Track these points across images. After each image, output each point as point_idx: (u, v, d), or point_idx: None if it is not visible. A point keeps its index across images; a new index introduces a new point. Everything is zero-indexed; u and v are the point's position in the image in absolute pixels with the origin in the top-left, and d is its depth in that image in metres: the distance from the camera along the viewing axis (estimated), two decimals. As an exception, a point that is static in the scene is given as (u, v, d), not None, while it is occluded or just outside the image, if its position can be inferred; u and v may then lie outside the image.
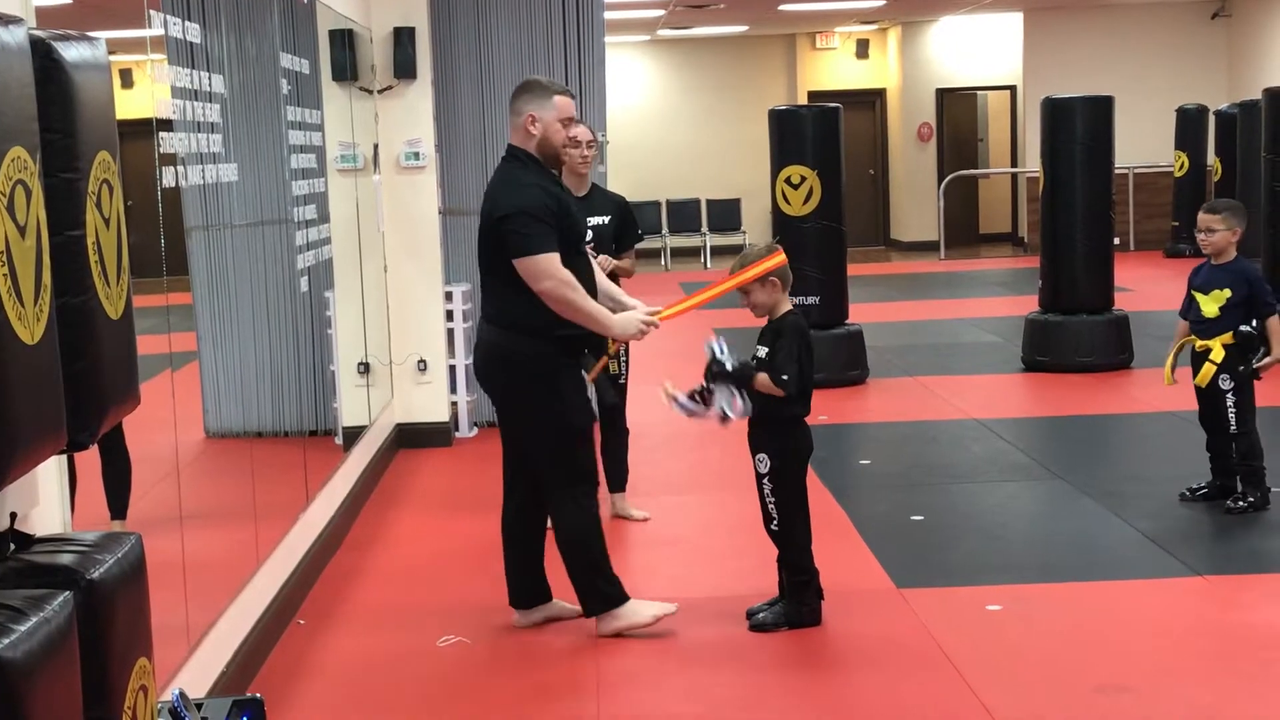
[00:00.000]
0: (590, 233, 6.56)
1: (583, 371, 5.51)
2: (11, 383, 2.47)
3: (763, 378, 5.37)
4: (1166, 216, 19.89)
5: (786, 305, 5.54)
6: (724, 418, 5.38)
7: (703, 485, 7.95)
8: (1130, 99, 16.26)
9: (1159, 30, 20.82)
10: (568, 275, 5.30)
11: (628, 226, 6.96)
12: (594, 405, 5.63)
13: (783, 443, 5.49)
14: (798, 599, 5.56)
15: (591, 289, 5.47)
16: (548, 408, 5.45)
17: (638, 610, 5.55)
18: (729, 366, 5.34)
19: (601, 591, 5.56)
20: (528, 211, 5.29)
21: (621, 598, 5.57)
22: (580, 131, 6.62)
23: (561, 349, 5.41)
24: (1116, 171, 11.38)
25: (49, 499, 3.29)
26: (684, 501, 7.64)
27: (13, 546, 2.81)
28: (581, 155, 6.66)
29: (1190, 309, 7.03)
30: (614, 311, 5.50)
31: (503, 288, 5.43)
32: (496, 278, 5.46)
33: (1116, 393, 10.24)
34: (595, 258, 5.95)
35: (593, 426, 5.64)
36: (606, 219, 6.83)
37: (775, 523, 5.54)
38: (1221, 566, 6.22)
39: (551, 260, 5.28)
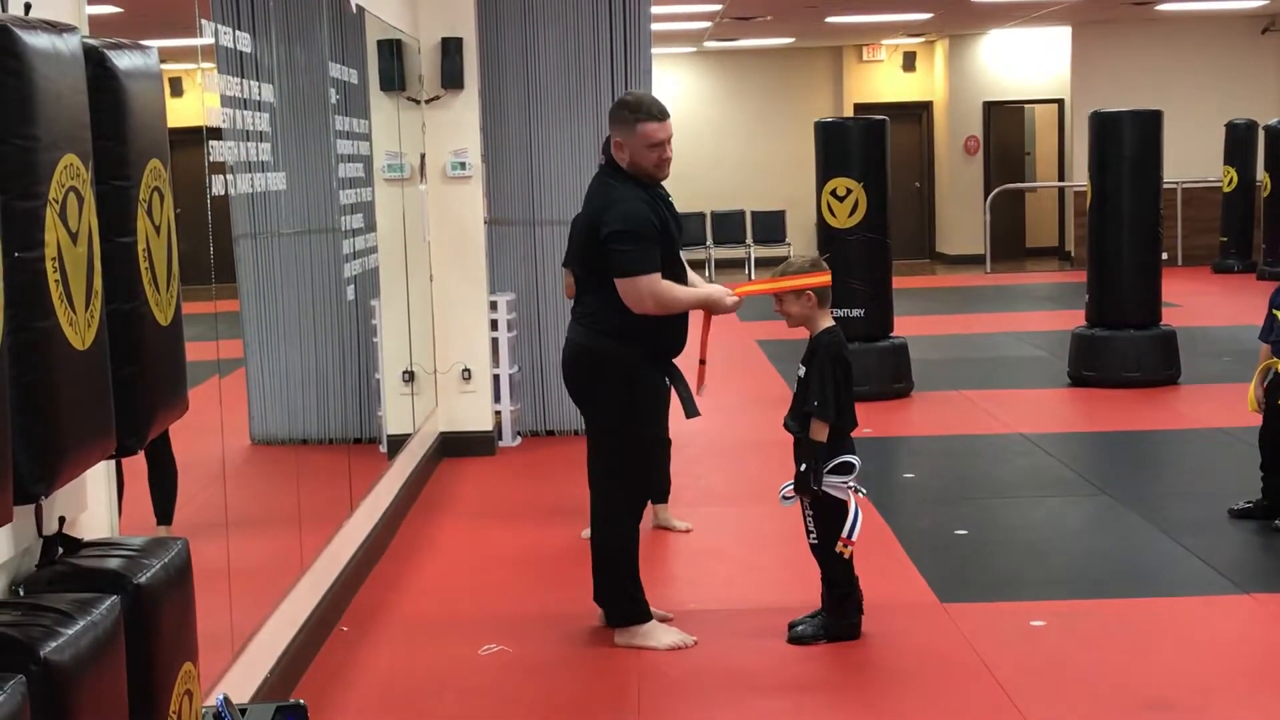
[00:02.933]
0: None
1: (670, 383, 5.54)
2: (62, 388, 2.50)
3: (814, 433, 5.38)
4: (1215, 232, 19.75)
5: (825, 322, 5.50)
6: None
7: (744, 496, 7.94)
8: (1179, 113, 16.17)
9: (1208, 44, 20.68)
10: (664, 290, 5.38)
11: None
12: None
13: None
14: (838, 613, 5.55)
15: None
16: (621, 413, 5.52)
17: (656, 635, 5.57)
18: (799, 483, 5.42)
19: (623, 608, 5.61)
20: (633, 231, 5.37)
21: (644, 616, 5.60)
22: None
23: (645, 356, 5.48)
24: (1165, 186, 11.30)
25: (97, 504, 3.31)
26: (726, 513, 7.63)
27: (61, 550, 2.83)
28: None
29: (1271, 330, 6.88)
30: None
31: (594, 289, 5.52)
32: (590, 278, 5.55)
33: (1163, 408, 10.17)
34: None
35: (662, 443, 5.68)
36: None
37: (814, 536, 5.53)
38: (1269, 585, 6.16)
39: (653, 282, 5.36)
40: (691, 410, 5.65)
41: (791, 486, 5.47)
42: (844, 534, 5.36)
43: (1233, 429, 8.85)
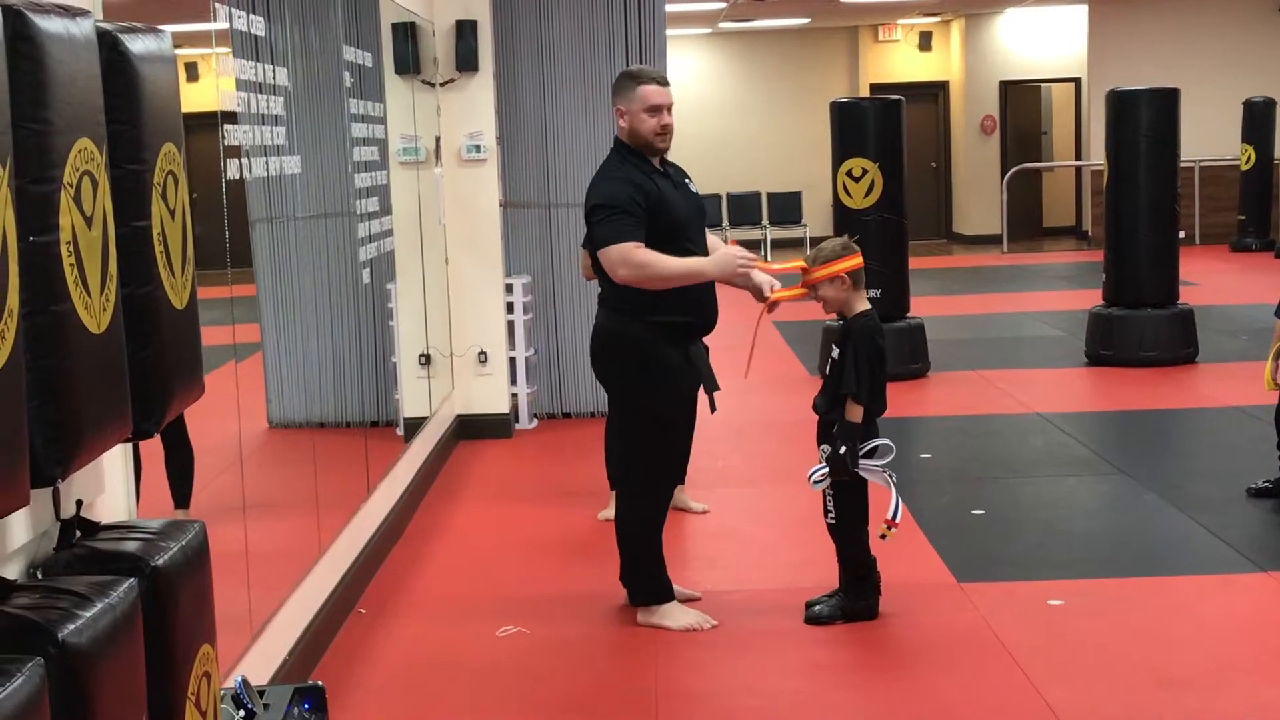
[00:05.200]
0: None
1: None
2: (78, 371, 2.50)
3: (850, 414, 5.38)
4: (1232, 210, 19.68)
5: (860, 305, 5.49)
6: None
7: (761, 477, 7.94)
8: (1196, 91, 16.09)
9: (1225, 22, 20.58)
10: (643, 256, 5.32)
11: None
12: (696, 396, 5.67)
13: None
14: (855, 593, 5.55)
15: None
16: (638, 391, 5.54)
17: (674, 615, 5.59)
18: (835, 466, 5.40)
19: (643, 586, 5.63)
20: (609, 204, 5.38)
21: (666, 596, 5.61)
22: None
23: (663, 334, 5.47)
24: (1182, 165, 11.27)
25: (114, 487, 3.32)
26: (743, 494, 7.63)
27: (78, 534, 2.84)
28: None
29: None
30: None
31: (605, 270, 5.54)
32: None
33: (1181, 387, 10.15)
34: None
35: (685, 419, 5.66)
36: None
37: (832, 516, 5.53)
38: (1287, 563, 6.16)
39: (625, 250, 5.32)
40: (711, 385, 5.63)
41: (823, 470, 5.45)
42: (889, 515, 5.37)
43: (1250, 407, 8.82)
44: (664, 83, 5.56)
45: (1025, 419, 9.18)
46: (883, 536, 5.42)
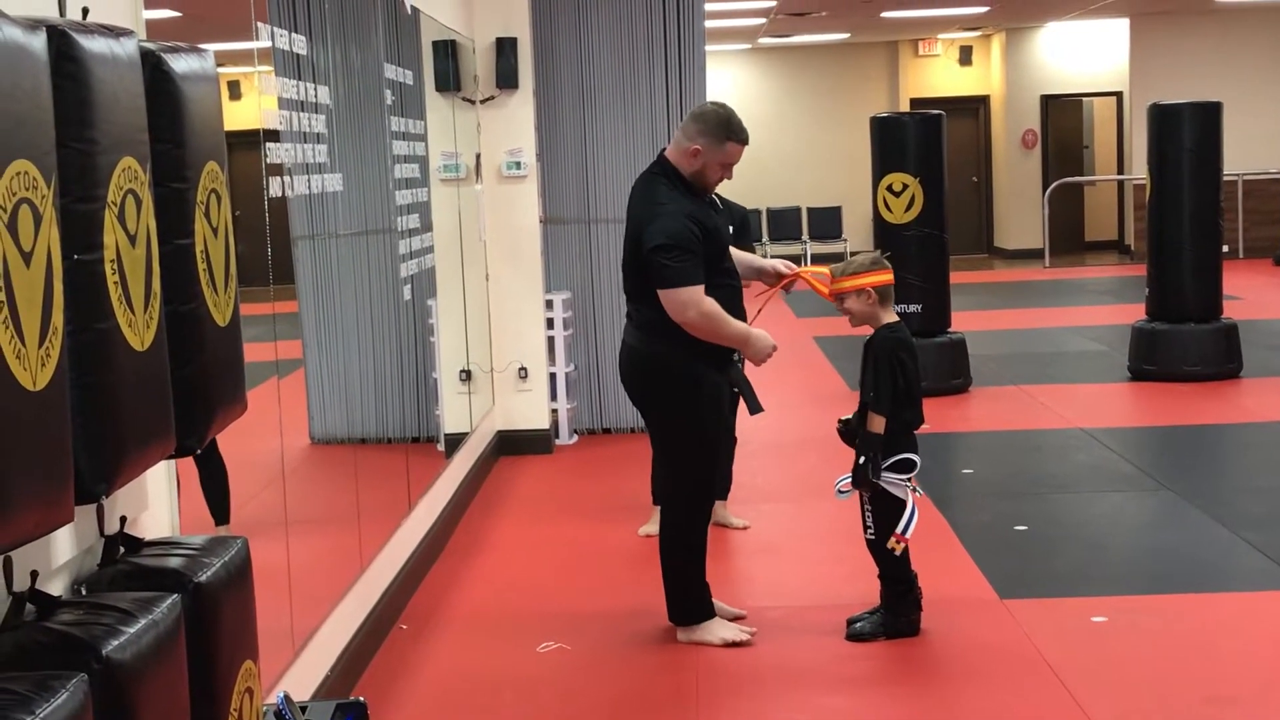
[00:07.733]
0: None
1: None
2: (122, 388, 2.52)
3: (871, 425, 5.38)
4: (1276, 224, 19.56)
5: (886, 318, 5.49)
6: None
7: (801, 493, 7.92)
8: (1239, 105, 16.00)
9: (1268, 35, 20.46)
10: (710, 306, 5.36)
11: (743, 236, 6.98)
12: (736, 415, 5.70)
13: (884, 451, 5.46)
14: (896, 609, 5.53)
15: (738, 299, 5.57)
16: (681, 413, 5.54)
17: (715, 629, 5.59)
18: (857, 476, 5.41)
19: (685, 605, 5.62)
20: (675, 244, 5.34)
21: (706, 615, 5.61)
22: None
23: (702, 355, 5.46)
24: (1225, 178, 11.19)
25: (158, 503, 3.34)
26: (783, 509, 7.62)
27: (122, 550, 2.86)
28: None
29: None
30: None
31: (649, 295, 5.48)
32: (641, 284, 5.52)
33: (1225, 402, 10.08)
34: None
35: (726, 440, 5.70)
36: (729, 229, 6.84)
37: (871, 531, 5.51)
38: (1333, 579, 6.10)
39: (695, 293, 5.34)
40: (755, 407, 5.64)
41: (848, 480, 5.47)
42: (898, 530, 5.36)
43: (1296, 422, 8.77)
44: (748, 140, 5.59)
45: (1068, 434, 9.14)
46: (890, 549, 5.41)
